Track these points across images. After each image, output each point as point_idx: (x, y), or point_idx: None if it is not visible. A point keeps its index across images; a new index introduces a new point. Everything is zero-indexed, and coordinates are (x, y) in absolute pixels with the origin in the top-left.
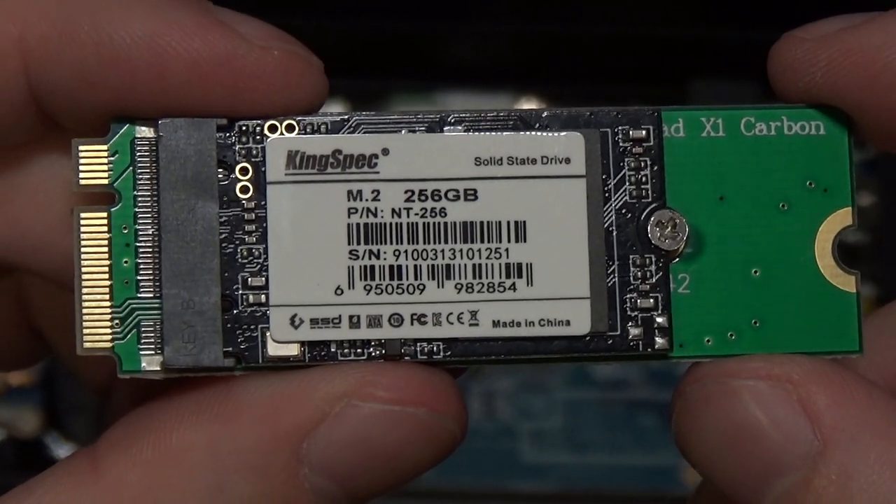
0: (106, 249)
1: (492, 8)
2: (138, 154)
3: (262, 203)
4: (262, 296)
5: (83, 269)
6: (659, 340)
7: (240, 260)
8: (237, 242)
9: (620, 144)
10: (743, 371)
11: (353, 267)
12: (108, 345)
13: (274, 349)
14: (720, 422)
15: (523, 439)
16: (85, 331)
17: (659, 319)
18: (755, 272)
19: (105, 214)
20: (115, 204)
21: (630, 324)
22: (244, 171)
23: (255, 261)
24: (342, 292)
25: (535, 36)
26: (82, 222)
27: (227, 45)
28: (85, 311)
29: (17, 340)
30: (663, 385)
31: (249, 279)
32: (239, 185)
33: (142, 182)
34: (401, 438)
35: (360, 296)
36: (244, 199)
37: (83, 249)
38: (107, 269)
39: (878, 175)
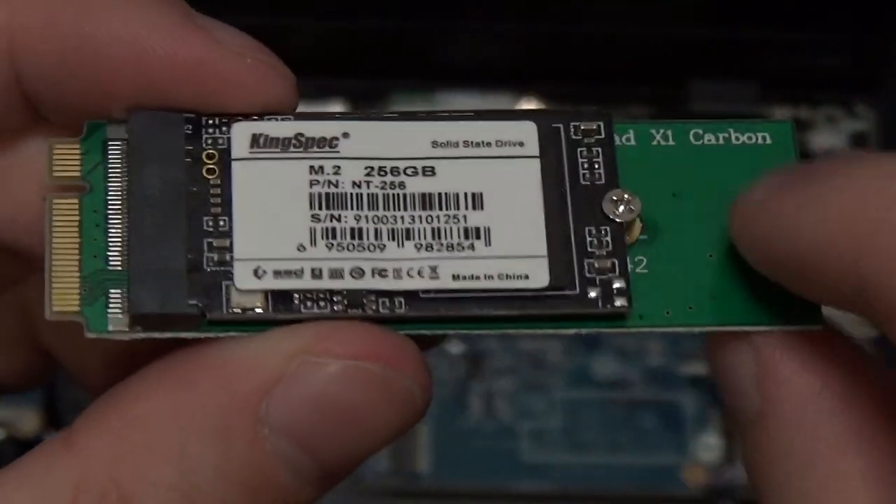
0: (76, 230)
1: (492, 8)
2: (110, 151)
3: (228, 178)
4: (227, 256)
5: (53, 245)
6: (619, 299)
7: (205, 228)
8: (202, 213)
9: (573, 136)
10: None
11: (315, 228)
12: (76, 309)
13: (237, 298)
14: None
15: (523, 439)
16: (54, 295)
17: (617, 283)
18: (710, 255)
19: (76, 200)
20: (87, 192)
21: (589, 286)
22: (210, 156)
23: (221, 229)
24: (305, 249)
25: (535, 36)
26: (54, 207)
27: (203, 50)
28: (54, 277)
29: (25, 358)
30: (663, 385)
31: (214, 242)
32: (205, 168)
33: (113, 173)
34: (357, 395)
35: (323, 252)
36: (210, 178)
37: (54, 230)
38: (77, 246)
39: None
